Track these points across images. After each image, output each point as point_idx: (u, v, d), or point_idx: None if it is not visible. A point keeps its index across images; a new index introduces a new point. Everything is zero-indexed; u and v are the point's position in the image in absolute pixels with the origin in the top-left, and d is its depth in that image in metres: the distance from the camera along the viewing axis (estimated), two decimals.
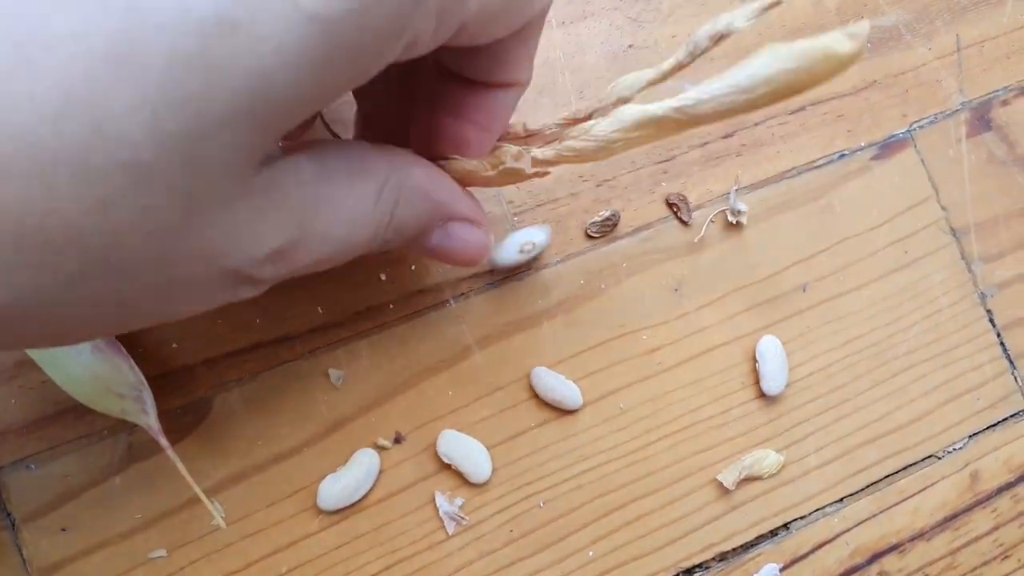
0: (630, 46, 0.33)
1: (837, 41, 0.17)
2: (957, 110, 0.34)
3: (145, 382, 0.29)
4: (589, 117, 0.22)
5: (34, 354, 0.28)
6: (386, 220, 0.21)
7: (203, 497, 0.28)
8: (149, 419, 0.28)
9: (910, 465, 0.32)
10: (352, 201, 0.19)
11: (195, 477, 0.29)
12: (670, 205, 0.32)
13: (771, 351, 0.31)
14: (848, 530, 0.32)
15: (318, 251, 0.19)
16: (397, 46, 0.16)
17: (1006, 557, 0.32)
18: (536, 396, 0.31)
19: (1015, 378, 0.33)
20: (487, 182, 0.24)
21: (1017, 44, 0.35)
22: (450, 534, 0.30)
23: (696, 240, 0.32)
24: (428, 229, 0.23)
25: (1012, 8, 0.35)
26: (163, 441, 0.28)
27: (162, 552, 0.29)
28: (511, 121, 0.24)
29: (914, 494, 0.32)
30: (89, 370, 0.27)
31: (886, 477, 0.32)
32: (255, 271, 0.18)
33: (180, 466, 0.28)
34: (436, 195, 0.22)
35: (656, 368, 0.31)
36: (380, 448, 0.30)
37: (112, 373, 0.28)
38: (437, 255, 0.24)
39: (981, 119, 0.34)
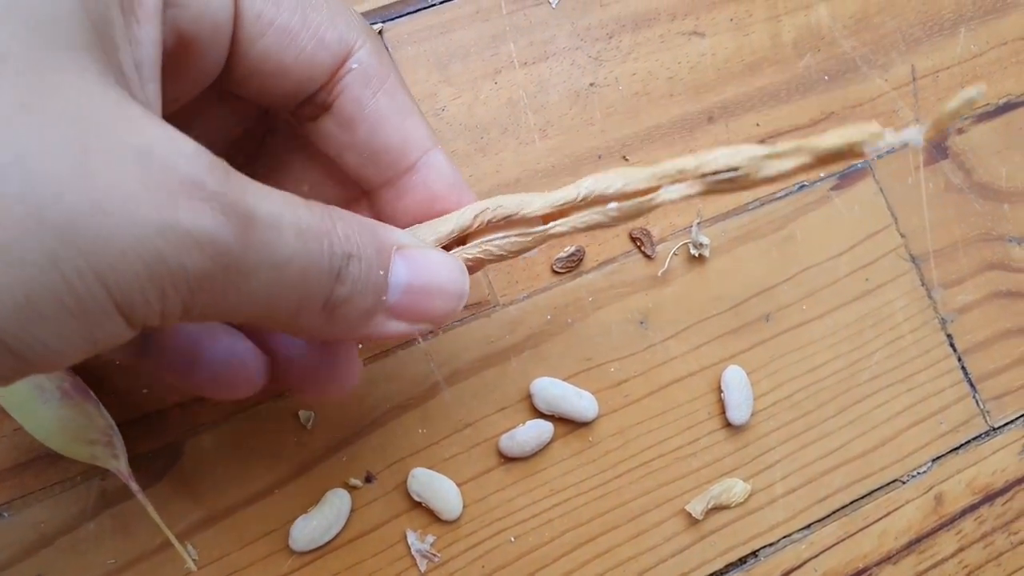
0: (591, 84, 0.33)
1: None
2: None
3: (115, 427, 0.29)
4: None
5: (4, 403, 0.28)
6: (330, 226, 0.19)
7: (175, 541, 0.28)
8: (120, 464, 0.28)
9: (875, 490, 0.33)
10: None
11: (168, 521, 0.29)
12: (634, 239, 0.33)
13: (736, 381, 0.32)
14: (816, 556, 0.32)
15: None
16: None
17: None
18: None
19: (976, 402, 0.34)
20: None
21: (971, 73, 0.36)
22: (422, 571, 0.30)
23: (660, 273, 0.32)
24: (383, 253, 0.20)
25: (964, 39, 0.36)
26: (134, 485, 0.28)
27: None
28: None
29: (880, 518, 0.33)
30: (58, 417, 0.28)
31: (852, 503, 0.32)
32: None
33: (151, 510, 0.28)
34: (379, 224, 0.21)
35: (624, 400, 0.32)
36: (351, 487, 0.30)
37: (81, 419, 0.28)
38: (407, 294, 0.21)
39: (938, 148, 0.35)
